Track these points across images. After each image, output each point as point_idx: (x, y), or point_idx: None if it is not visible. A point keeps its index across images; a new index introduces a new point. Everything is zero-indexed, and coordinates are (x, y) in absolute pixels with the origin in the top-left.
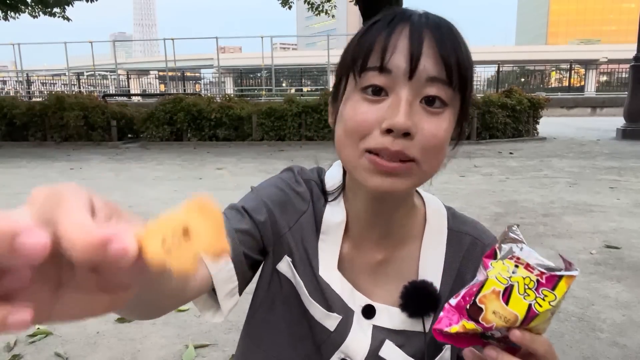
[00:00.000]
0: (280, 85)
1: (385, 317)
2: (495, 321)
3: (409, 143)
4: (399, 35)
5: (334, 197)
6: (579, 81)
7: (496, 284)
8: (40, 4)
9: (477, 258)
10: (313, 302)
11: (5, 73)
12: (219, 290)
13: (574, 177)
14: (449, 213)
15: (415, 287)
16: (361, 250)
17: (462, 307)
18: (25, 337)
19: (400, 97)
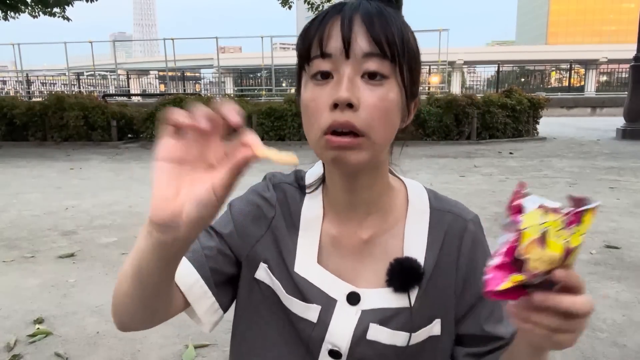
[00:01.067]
0: (280, 85)
1: (372, 300)
2: (540, 266)
3: (354, 114)
4: (333, 23)
5: (313, 188)
6: (578, 81)
7: (531, 234)
8: (40, 4)
9: (459, 233)
10: (290, 298)
11: (5, 73)
12: (197, 307)
13: (574, 177)
14: (430, 194)
15: (400, 263)
16: (346, 231)
17: (506, 264)
18: (25, 337)
19: (341, 75)
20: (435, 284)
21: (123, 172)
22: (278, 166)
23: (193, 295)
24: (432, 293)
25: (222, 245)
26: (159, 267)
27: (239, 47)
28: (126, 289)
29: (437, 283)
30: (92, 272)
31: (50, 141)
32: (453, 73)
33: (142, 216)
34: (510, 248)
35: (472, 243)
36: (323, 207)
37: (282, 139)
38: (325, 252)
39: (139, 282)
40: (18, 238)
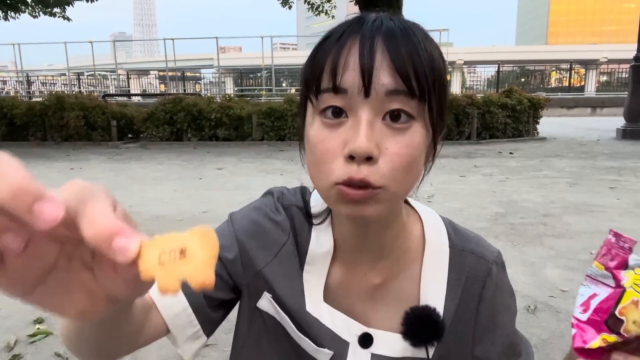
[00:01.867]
0: (280, 85)
1: (385, 345)
2: (635, 330)
3: (373, 168)
4: (350, 49)
5: (320, 220)
6: (579, 81)
7: (634, 294)
8: (40, 4)
9: (482, 278)
10: (302, 337)
11: (5, 73)
12: (178, 335)
13: (574, 177)
14: (449, 228)
15: (418, 313)
16: (355, 275)
17: (598, 322)
18: (25, 337)
19: (359, 117)
20: (453, 333)
21: (123, 172)
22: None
23: (176, 324)
24: (450, 343)
25: (221, 271)
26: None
27: (239, 47)
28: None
29: (455, 331)
30: None
31: (51, 141)
32: (453, 73)
33: (142, 216)
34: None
35: (495, 288)
36: (333, 243)
37: (282, 139)
38: (332, 291)
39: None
40: None
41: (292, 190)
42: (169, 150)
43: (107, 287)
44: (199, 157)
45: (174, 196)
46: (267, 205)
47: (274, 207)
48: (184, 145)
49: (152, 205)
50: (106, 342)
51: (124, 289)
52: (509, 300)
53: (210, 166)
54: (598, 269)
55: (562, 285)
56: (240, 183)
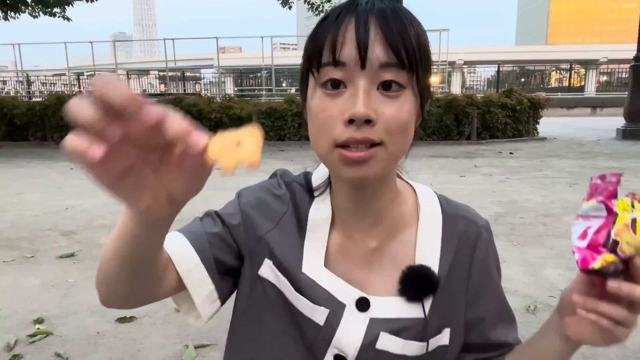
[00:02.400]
0: (280, 85)
1: (382, 308)
2: (628, 250)
3: (372, 129)
4: (347, 27)
5: (320, 191)
6: (579, 81)
7: (624, 218)
8: (40, 4)
9: (472, 240)
10: (299, 296)
11: (5, 73)
12: (194, 293)
13: (574, 177)
14: (441, 199)
15: (414, 271)
16: (354, 240)
17: (597, 245)
18: (25, 337)
19: (357, 86)
20: (447, 293)
21: None
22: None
23: (191, 280)
24: (444, 302)
25: (226, 235)
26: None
27: (239, 47)
28: (111, 266)
29: (449, 292)
30: (92, 272)
31: (51, 141)
32: (453, 73)
33: None
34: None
35: (485, 250)
36: (332, 211)
37: (282, 139)
38: (332, 258)
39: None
40: (18, 238)
41: (296, 173)
42: None
43: (170, 184)
44: None
45: None
46: (271, 183)
47: (276, 184)
48: None
49: None
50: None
51: (183, 186)
52: (498, 265)
53: None
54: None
55: (562, 285)
56: (240, 183)
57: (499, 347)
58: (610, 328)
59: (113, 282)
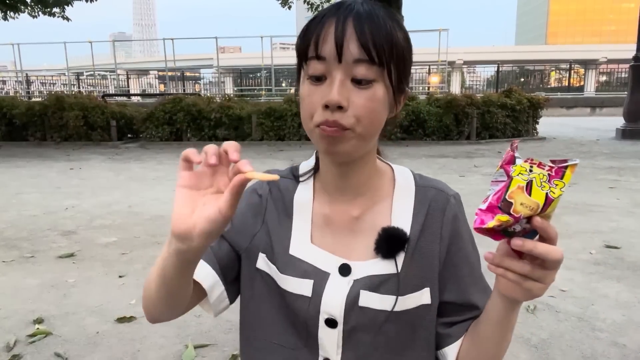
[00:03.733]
0: (279, 85)
1: (362, 270)
2: (523, 211)
3: (343, 114)
4: (329, 27)
5: (305, 177)
6: (578, 81)
7: (519, 181)
8: (40, 4)
9: (442, 206)
10: (286, 277)
11: (5, 73)
12: (210, 294)
13: (574, 177)
14: (415, 174)
15: (387, 231)
16: (338, 210)
17: (493, 207)
18: (25, 337)
19: (333, 77)
20: (420, 252)
21: (123, 172)
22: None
23: (208, 284)
24: (418, 261)
25: (221, 241)
26: (179, 270)
27: (238, 47)
28: (153, 289)
29: (422, 251)
30: (92, 272)
31: (50, 141)
32: (453, 73)
33: (141, 216)
34: (499, 193)
35: (453, 215)
36: (313, 191)
37: (281, 139)
38: (318, 231)
39: (162, 283)
40: (18, 238)
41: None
42: (168, 150)
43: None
44: None
45: (174, 196)
46: (257, 184)
47: (261, 183)
48: (183, 145)
49: (152, 205)
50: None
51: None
52: (470, 234)
53: None
54: (496, 171)
55: (561, 285)
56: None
57: (467, 308)
58: (518, 281)
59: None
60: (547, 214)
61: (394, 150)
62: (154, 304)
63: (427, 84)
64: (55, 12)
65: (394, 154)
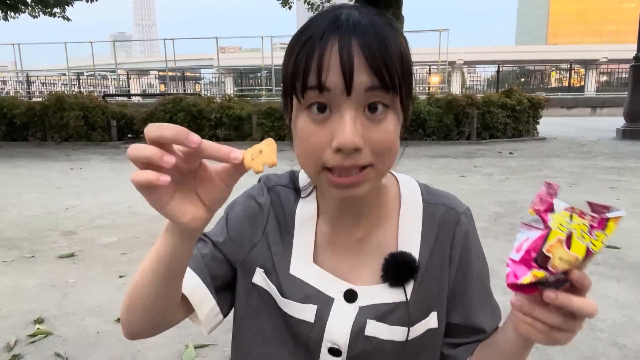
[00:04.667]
0: (280, 85)
1: (369, 297)
2: (561, 265)
3: (360, 155)
4: (331, 51)
5: (307, 192)
6: (579, 81)
7: (559, 233)
8: (40, 4)
9: (452, 226)
10: (286, 300)
11: (5, 73)
12: (199, 310)
13: (574, 177)
14: (422, 188)
15: (395, 258)
16: (340, 231)
17: (528, 260)
18: (25, 337)
19: (343, 113)
20: (429, 277)
21: (123, 172)
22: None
23: (196, 299)
24: (427, 286)
25: (215, 252)
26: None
27: (238, 47)
28: (136, 295)
29: (431, 275)
30: (92, 272)
31: (50, 141)
32: (453, 73)
33: (141, 216)
34: (534, 244)
35: (464, 235)
36: (317, 208)
37: (282, 139)
38: (321, 251)
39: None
40: (18, 238)
41: (280, 174)
42: None
43: (208, 196)
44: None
45: None
46: (255, 190)
47: (260, 190)
48: None
49: None
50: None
51: (219, 194)
52: (480, 252)
53: None
54: (531, 215)
55: None
56: (240, 183)
57: (474, 332)
58: (546, 331)
59: (141, 311)
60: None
61: None
62: (135, 315)
63: (427, 84)
64: (55, 12)
65: None
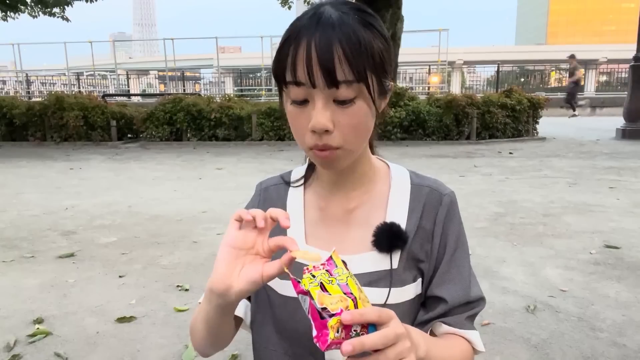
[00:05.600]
0: None
1: (358, 264)
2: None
3: (331, 136)
4: (301, 50)
5: (299, 183)
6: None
7: (315, 288)
8: (40, 4)
9: (435, 205)
10: (282, 282)
11: (5, 73)
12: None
13: (574, 177)
14: (411, 172)
15: (386, 227)
16: (332, 203)
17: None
18: (25, 337)
19: (316, 102)
20: (413, 250)
21: (123, 172)
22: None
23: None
24: (412, 257)
25: None
26: (220, 316)
27: (238, 47)
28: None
29: (415, 249)
30: (92, 272)
31: (50, 141)
32: (453, 73)
33: (141, 216)
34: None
35: (446, 214)
36: (304, 192)
37: (281, 139)
38: (312, 229)
39: (208, 328)
40: (18, 238)
41: (271, 177)
42: (168, 150)
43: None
44: (198, 157)
45: (174, 196)
46: (254, 195)
47: (257, 194)
48: (183, 145)
49: (152, 205)
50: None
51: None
52: (460, 229)
53: (210, 166)
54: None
55: (561, 285)
56: (240, 183)
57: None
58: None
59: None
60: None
61: (394, 150)
62: (203, 345)
63: (427, 84)
64: (55, 12)
65: (394, 154)
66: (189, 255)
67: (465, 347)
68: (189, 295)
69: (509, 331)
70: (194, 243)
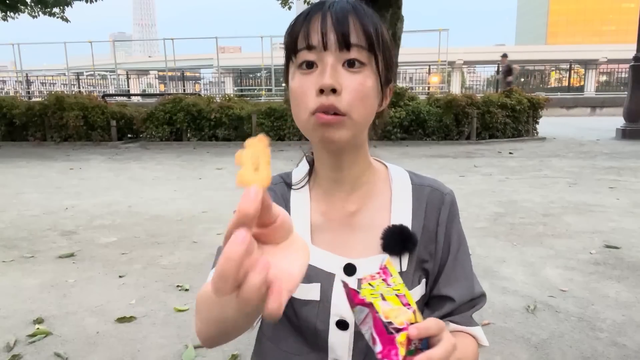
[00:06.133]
0: (280, 85)
1: (367, 268)
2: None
3: (338, 98)
4: (316, 19)
5: (300, 185)
6: (578, 81)
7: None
8: (40, 4)
9: (437, 205)
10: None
11: (5, 73)
12: None
13: (574, 177)
14: (410, 172)
15: (396, 229)
16: (334, 206)
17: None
18: (25, 337)
19: (325, 63)
20: (420, 251)
21: (123, 172)
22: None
23: None
24: (418, 259)
25: None
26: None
27: (238, 47)
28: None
29: (420, 250)
30: (92, 272)
31: (50, 141)
32: (453, 73)
33: (141, 216)
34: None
35: (448, 214)
36: (309, 194)
37: (282, 139)
38: (317, 231)
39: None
40: (18, 238)
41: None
42: (168, 151)
43: None
44: (198, 157)
45: (174, 196)
46: None
47: None
48: (183, 146)
49: (152, 205)
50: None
51: None
52: (460, 228)
53: (209, 166)
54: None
55: (561, 285)
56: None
57: (440, 301)
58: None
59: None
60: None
61: (394, 150)
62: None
63: (427, 84)
64: (55, 12)
65: (394, 154)
66: (189, 255)
67: (474, 344)
68: (189, 295)
69: (509, 331)
70: (194, 243)
